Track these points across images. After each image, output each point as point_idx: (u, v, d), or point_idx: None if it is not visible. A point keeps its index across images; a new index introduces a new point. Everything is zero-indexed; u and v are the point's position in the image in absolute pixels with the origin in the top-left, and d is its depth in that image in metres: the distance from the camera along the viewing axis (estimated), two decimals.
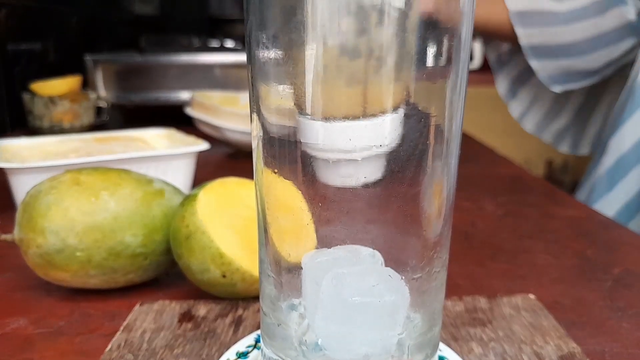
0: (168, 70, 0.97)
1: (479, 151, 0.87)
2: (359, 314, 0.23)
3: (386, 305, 0.23)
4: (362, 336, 0.23)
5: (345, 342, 0.23)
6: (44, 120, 0.87)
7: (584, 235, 0.48)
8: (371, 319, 0.23)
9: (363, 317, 0.23)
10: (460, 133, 0.24)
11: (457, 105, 0.23)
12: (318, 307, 0.23)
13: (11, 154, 0.55)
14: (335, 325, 0.23)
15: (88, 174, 0.35)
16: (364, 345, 0.23)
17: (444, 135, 0.23)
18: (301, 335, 0.24)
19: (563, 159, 1.94)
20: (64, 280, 0.34)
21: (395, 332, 0.23)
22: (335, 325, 0.23)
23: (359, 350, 0.23)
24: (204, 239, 0.32)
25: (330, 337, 0.23)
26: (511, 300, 0.35)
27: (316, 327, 0.23)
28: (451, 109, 0.23)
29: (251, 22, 0.22)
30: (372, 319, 0.23)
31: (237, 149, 0.80)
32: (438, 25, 0.21)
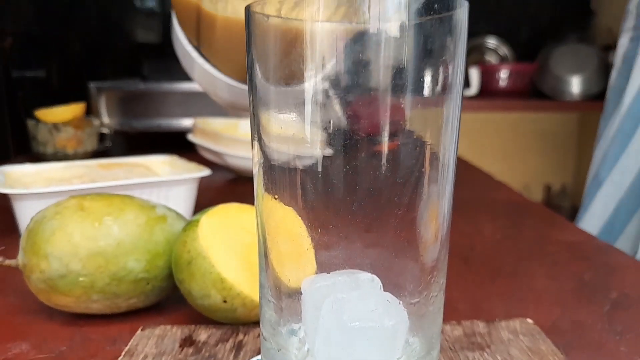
0: (170, 97, 0.99)
1: (477, 176, 0.88)
2: (359, 338, 0.23)
3: (386, 330, 0.23)
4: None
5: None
6: (48, 147, 0.88)
7: (581, 259, 0.49)
8: (371, 343, 0.23)
9: (363, 341, 0.23)
10: (455, 159, 0.25)
11: (451, 131, 0.24)
12: (318, 332, 0.23)
13: (15, 180, 0.55)
14: (335, 350, 0.23)
15: (92, 199, 0.35)
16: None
17: (439, 161, 0.23)
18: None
19: (561, 184, 1.95)
20: (67, 305, 0.34)
21: (394, 356, 0.24)
22: (335, 350, 0.23)
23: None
24: (205, 264, 0.32)
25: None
26: (509, 324, 0.35)
27: (316, 352, 0.24)
28: (446, 135, 0.23)
29: (253, 53, 0.23)
30: (372, 344, 0.23)
31: (238, 174, 0.80)
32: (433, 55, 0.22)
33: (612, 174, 0.81)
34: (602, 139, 0.91)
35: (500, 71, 1.84)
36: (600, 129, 0.94)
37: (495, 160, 1.83)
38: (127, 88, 1.00)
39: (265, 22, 0.22)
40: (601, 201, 0.82)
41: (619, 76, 0.92)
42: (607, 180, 0.82)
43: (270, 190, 0.24)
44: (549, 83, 1.79)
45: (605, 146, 0.87)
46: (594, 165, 0.90)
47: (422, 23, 0.21)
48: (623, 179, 0.79)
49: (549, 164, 1.94)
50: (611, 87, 0.95)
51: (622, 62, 0.93)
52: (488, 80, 1.82)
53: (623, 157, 0.80)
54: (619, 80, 0.92)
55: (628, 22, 0.92)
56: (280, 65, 0.22)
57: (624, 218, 0.80)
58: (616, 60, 0.96)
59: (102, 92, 0.98)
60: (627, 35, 0.92)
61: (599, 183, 0.84)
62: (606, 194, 0.82)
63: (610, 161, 0.82)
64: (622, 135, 0.82)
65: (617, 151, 0.82)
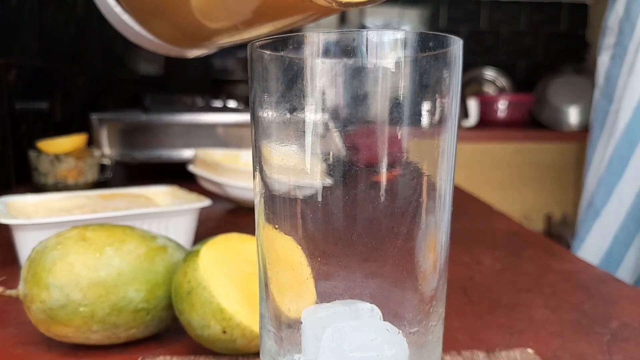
0: (171, 128, 1.00)
1: (477, 207, 0.88)
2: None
3: (386, 359, 0.23)
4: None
5: None
6: (49, 177, 0.88)
7: (581, 289, 0.49)
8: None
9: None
10: (452, 188, 0.25)
11: (448, 162, 0.24)
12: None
13: (16, 210, 0.56)
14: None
15: (94, 230, 0.36)
16: None
17: (436, 191, 0.24)
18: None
19: (562, 214, 1.95)
20: (66, 336, 0.34)
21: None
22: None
23: None
24: (205, 294, 0.32)
25: None
26: (510, 354, 0.35)
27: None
28: (442, 165, 0.24)
29: (255, 88, 0.24)
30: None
31: (238, 205, 0.81)
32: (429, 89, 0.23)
33: (609, 202, 0.80)
34: (592, 164, 0.88)
35: (499, 102, 1.86)
36: (589, 154, 0.91)
37: (494, 190, 1.83)
38: (128, 119, 1.01)
39: (266, 58, 0.23)
40: (598, 231, 0.80)
41: (602, 97, 0.89)
42: (604, 209, 0.80)
43: (271, 220, 0.25)
44: (546, 114, 1.81)
45: (598, 172, 0.85)
46: (586, 193, 0.87)
47: (418, 59, 0.22)
48: (620, 207, 0.77)
49: (548, 194, 1.94)
50: (595, 108, 0.92)
51: (605, 82, 0.90)
52: (486, 111, 1.84)
53: (620, 184, 0.79)
54: (602, 101, 0.88)
55: (607, 39, 0.89)
56: (282, 99, 0.22)
57: (622, 247, 0.78)
58: (598, 80, 0.93)
59: (103, 123, 1.00)
60: (607, 53, 0.89)
61: (595, 212, 0.82)
62: (604, 224, 0.80)
63: (607, 189, 0.81)
64: (618, 161, 0.80)
65: (614, 178, 0.80)
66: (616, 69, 0.86)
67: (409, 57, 0.22)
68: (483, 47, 2.07)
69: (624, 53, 0.83)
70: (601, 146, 0.86)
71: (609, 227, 0.79)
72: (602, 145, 0.86)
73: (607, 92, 0.88)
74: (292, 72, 0.22)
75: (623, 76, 0.83)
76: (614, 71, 0.86)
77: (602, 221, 0.80)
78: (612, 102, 0.85)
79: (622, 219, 0.78)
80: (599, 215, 0.78)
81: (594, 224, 0.80)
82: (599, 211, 0.79)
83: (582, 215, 0.87)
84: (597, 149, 0.87)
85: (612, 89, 0.86)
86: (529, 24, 2.15)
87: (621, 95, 0.82)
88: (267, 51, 0.23)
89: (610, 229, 0.79)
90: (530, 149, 1.93)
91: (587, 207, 0.84)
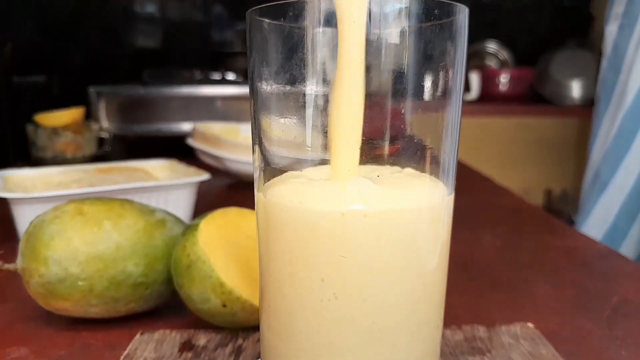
0: (170, 102, 0.99)
1: (478, 181, 0.88)
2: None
3: None
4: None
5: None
6: (47, 151, 0.88)
7: (582, 265, 0.49)
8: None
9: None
10: (456, 163, 0.25)
11: (452, 135, 0.24)
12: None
13: (14, 184, 0.55)
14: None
15: (91, 204, 0.35)
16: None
17: (439, 165, 0.23)
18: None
19: (562, 189, 1.94)
20: (66, 309, 0.34)
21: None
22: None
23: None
24: (204, 269, 0.32)
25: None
26: (510, 329, 0.35)
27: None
28: (447, 139, 0.23)
29: (254, 58, 0.23)
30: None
31: (237, 179, 0.80)
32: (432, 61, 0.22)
33: (615, 175, 0.78)
34: (598, 137, 0.87)
35: (501, 76, 1.84)
36: (595, 127, 0.90)
37: (495, 164, 1.82)
38: (126, 93, 1.00)
39: (265, 27, 0.22)
40: (604, 204, 0.79)
41: (609, 68, 0.88)
42: (611, 181, 0.79)
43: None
44: (549, 88, 1.79)
45: (605, 145, 0.83)
46: (592, 165, 0.86)
47: (423, 29, 0.21)
48: (626, 180, 0.76)
49: (549, 169, 1.94)
50: (602, 79, 0.90)
51: (612, 52, 0.88)
52: (488, 84, 1.82)
53: (627, 157, 0.78)
54: (610, 72, 0.87)
55: (615, 7, 0.87)
56: (282, 70, 0.22)
57: (627, 221, 0.78)
58: (605, 49, 0.91)
59: (101, 97, 0.98)
60: (615, 22, 0.87)
61: (602, 185, 0.81)
62: (610, 197, 0.79)
63: (613, 161, 0.80)
64: (626, 134, 0.79)
65: (621, 151, 0.79)
66: (625, 39, 0.83)
67: (413, 27, 0.21)
68: (485, 20, 2.04)
69: (633, 22, 0.81)
70: (608, 119, 0.85)
71: (614, 201, 0.78)
72: (609, 118, 0.84)
73: (614, 62, 0.86)
74: (292, 41, 0.21)
75: (632, 46, 0.81)
76: (623, 41, 0.84)
77: (608, 194, 0.79)
78: (620, 72, 0.83)
79: (628, 191, 0.77)
80: (605, 188, 0.78)
81: (600, 197, 0.80)
82: (605, 184, 0.79)
83: (587, 189, 0.86)
84: (604, 121, 0.86)
85: (621, 59, 0.84)
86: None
87: (630, 65, 0.81)
88: (266, 19, 0.22)
89: (615, 202, 0.78)
90: (532, 123, 1.92)
91: (593, 180, 0.83)
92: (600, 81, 0.91)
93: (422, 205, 0.22)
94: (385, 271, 0.22)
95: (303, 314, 0.23)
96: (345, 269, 0.22)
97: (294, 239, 0.22)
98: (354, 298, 0.22)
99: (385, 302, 0.22)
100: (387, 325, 0.23)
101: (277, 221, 0.23)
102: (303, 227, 0.22)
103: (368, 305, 0.22)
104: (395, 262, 0.22)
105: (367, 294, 0.22)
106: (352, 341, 0.23)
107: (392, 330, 0.23)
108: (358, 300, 0.22)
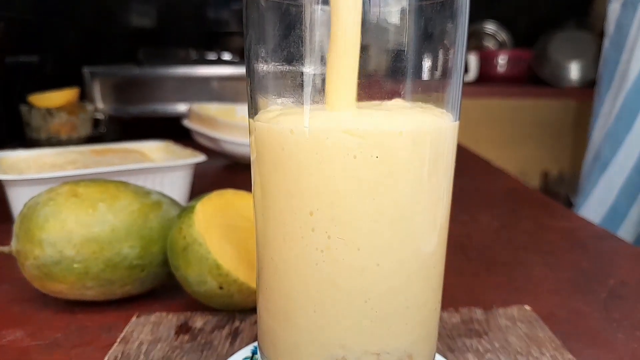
0: (165, 82, 0.98)
1: (475, 163, 0.88)
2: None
3: None
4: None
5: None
6: (41, 132, 0.87)
7: (578, 247, 0.49)
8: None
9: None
10: (455, 146, 0.24)
11: (453, 117, 0.23)
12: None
13: (8, 165, 0.55)
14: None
15: (86, 185, 0.35)
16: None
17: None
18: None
19: (559, 171, 1.95)
20: (61, 292, 0.34)
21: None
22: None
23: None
24: (201, 251, 0.32)
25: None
26: (507, 311, 0.35)
27: None
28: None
29: (250, 36, 0.22)
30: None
31: (233, 160, 0.80)
32: (433, 39, 0.22)
33: (617, 154, 0.78)
34: (600, 116, 0.85)
35: (499, 57, 1.83)
36: (596, 106, 0.89)
37: (492, 146, 1.82)
38: (121, 73, 0.99)
39: (262, 4, 0.21)
40: (605, 185, 0.78)
41: (611, 45, 0.86)
42: (612, 161, 0.79)
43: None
44: (547, 69, 1.78)
45: (606, 125, 0.82)
46: (592, 145, 0.85)
47: (423, 7, 0.21)
48: (627, 160, 0.76)
49: (546, 151, 1.94)
50: (604, 58, 0.89)
51: (615, 31, 0.86)
52: (486, 66, 1.81)
53: (629, 137, 0.77)
54: (612, 50, 0.86)
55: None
56: (279, 48, 0.21)
57: (627, 201, 0.77)
58: (608, 28, 0.89)
59: (96, 77, 0.97)
60: (619, 0, 0.86)
61: (603, 165, 0.80)
62: (610, 177, 0.78)
63: (615, 141, 0.79)
64: (627, 113, 0.78)
65: (622, 130, 0.78)
66: (628, 17, 0.82)
67: (413, 5, 0.21)
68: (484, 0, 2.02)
69: (637, 0, 0.80)
70: (610, 98, 0.84)
71: (615, 181, 0.78)
72: (611, 97, 0.83)
73: (617, 41, 0.84)
74: (289, 19, 0.20)
75: (636, 24, 0.80)
76: (626, 19, 0.83)
77: (608, 174, 0.78)
78: (622, 51, 0.82)
79: (629, 172, 0.77)
80: (606, 168, 0.77)
81: (601, 178, 0.79)
82: (606, 164, 0.78)
83: (588, 169, 0.86)
84: (606, 100, 0.85)
85: (624, 38, 0.83)
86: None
87: (633, 44, 0.79)
88: None
89: (616, 182, 0.77)
90: (530, 105, 1.91)
91: (593, 160, 0.83)
92: (602, 60, 0.90)
93: (424, 127, 0.21)
94: (382, 204, 0.21)
95: (298, 281, 0.22)
96: (337, 199, 0.21)
97: (288, 164, 0.21)
98: (349, 245, 0.21)
99: (382, 267, 0.22)
100: (382, 305, 0.22)
101: (270, 146, 0.22)
102: (294, 149, 0.21)
103: (362, 253, 0.21)
104: (394, 187, 0.21)
105: (362, 242, 0.21)
106: (348, 322, 0.22)
107: (388, 312, 0.23)
108: (353, 249, 0.21)
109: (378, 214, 0.21)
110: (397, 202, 0.21)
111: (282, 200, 0.22)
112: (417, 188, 0.22)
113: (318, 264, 0.22)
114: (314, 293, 0.22)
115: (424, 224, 0.23)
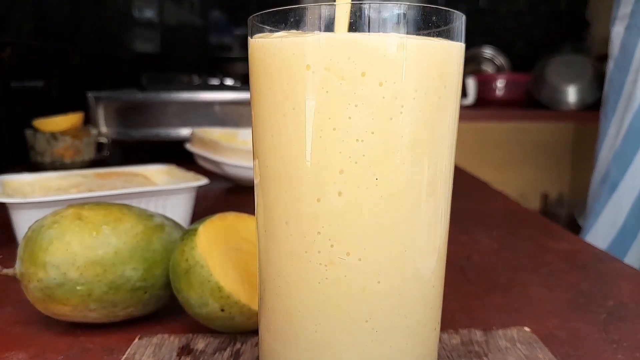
0: (168, 107, 0.99)
1: (474, 186, 0.88)
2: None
3: None
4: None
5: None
6: (46, 156, 0.88)
7: (578, 268, 0.49)
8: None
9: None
10: (453, 167, 0.25)
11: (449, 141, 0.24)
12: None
13: (13, 189, 0.55)
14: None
15: (90, 208, 0.36)
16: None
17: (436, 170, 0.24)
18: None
19: (558, 193, 1.95)
20: (64, 314, 0.34)
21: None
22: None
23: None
24: (203, 273, 0.32)
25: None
26: (507, 332, 0.35)
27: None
28: (443, 145, 0.24)
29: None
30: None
31: (236, 183, 0.81)
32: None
33: (625, 175, 0.77)
34: (607, 138, 0.85)
35: (497, 81, 1.85)
36: (602, 127, 0.89)
37: (491, 169, 1.83)
38: (125, 98, 1.00)
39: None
40: (614, 205, 0.77)
41: (616, 67, 0.87)
42: (621, 182, 0.78)
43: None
44: (545, 93, 1.80)
45: (614, 146, 0.82)
46: (600, 166, 0.85)
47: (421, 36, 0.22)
48: (636, 181, 0.75)
49: (545, 173, 1.95)
50: (609, 79, 0.90)
51: (620, 53, 0.87)
52: (484, 89, 1.83)
53: (637, 157, 0.77)
54: (617, 71, 0.87)
55: (622, 8, 0.87)
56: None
57: (636, 222, 0.76)
58: (612, 50, 0.91)
59: (100, 102, 0.99)
60: (622, 23, 0.87)
61: (612, 186, 0.79)
62: (619, 198, 0.78)
63: (623, 162, 0.78)
64: (635, 134, 0.78)
65: (631, 151, 0.77)
66: (632, 39, 0.83)
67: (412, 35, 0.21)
68: (482, 25, 2.05)
69: None
70: (616, 119, 0.84)
71: (624, 202, 0.77)
72: (618, 118, 0.83)
73: (622, 63, 0.85)
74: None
75: None
76: (630, 41, 0.83)
77: (617, 195, 0.78)
78: (628, 73, 0.83)
79: (637, 193, 0.76)
80: (615, 189, 0.77)
81: (610, 199, 0.79)
82: (615, 185, 0.78)
83: (595, 190, 0.85)
84: (612, 122, 0.85)
85: (629, 60, 0.83)
86: (528, 2, 2.13)
87: (638, 65, 0.80)
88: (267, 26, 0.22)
89: (625, 204, 0.77)
90: (528, 128, 1.93)
91: (601, 182, 0.82)
92: (607, 82, 0.90)
93: (427, 42, 0.22)
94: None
95: (300, 300, 0.23)
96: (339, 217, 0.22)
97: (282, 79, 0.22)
98: (350, 259, 0.22)
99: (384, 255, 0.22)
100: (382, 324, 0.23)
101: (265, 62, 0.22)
102: (290, 59, 0.21)
103: (363, 269, 0.22)
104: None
105: (363, 258, 0.22)
106: (349, 342, 0.23)
107: (389, 331, 0.23)
108: (354, 264, 0.22)
109: (380, 231, 0.22)
110: (397, 221, 0.22)
111: (282, 109, 0.22)
112: (416, 208, 0.22)
113: (320, 282, 0.22)
114: (316, 313, 0.23)
115: (423, 242, 0.23)
